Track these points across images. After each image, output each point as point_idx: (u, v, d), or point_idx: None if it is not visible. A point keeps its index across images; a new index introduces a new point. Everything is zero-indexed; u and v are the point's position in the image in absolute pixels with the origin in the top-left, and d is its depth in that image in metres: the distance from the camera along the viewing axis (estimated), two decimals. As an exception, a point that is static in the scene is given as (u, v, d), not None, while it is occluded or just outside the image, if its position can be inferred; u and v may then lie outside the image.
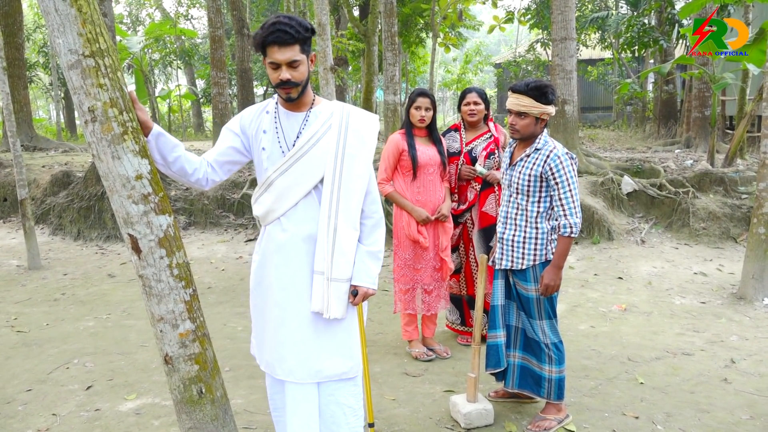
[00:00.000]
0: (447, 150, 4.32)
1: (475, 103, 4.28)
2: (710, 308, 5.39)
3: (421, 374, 4.03)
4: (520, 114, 3.13)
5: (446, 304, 4.39)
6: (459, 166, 4.31)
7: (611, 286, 6.14)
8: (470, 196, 4.33)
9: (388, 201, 4.55)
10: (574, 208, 3.09)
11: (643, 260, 7.00)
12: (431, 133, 4.25)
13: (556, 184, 3.10)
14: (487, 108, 4.35)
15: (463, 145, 4.34)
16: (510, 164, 3.32)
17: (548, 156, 3.11)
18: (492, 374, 3.46)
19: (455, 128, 4.47)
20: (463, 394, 3.43)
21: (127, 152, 2.15)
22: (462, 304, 4.54)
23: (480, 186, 4.30)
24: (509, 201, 3.30)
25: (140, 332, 4.93)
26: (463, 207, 4.35)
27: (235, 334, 4.88)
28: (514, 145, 3.34)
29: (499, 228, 3.36)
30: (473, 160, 4.27)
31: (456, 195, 4.38)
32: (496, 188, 4.27)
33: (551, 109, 3.12)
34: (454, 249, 4.44)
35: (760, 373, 3.97)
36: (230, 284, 6.36)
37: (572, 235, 3.11)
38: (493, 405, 3.38)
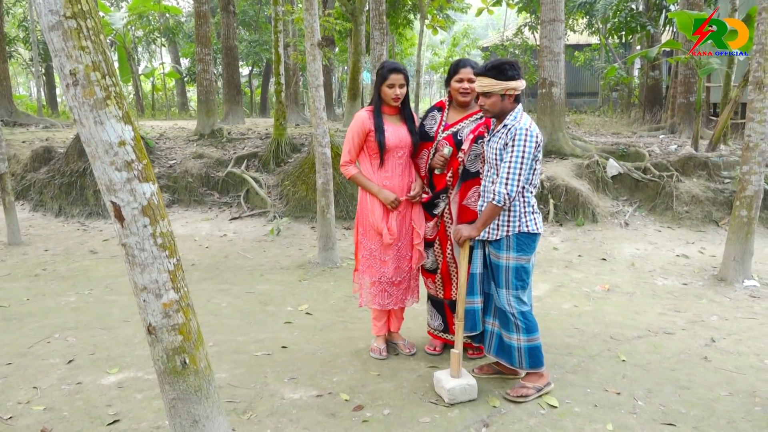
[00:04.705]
0: (420, 135, 3.80)
1: (470, 80, 3.60)
2: (692, 289, 5.45)
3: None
4: (485, 94, 3.27)
5: (417, 298, 3.97)
6: (432, 154, 3.73)
7: (595, 267, 6.19)
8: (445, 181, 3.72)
9: (352, 184, 4.27)
10: (509, 178, 3.14)
11: (627, 242, 7.06)
12: (402, 109, 3.79)
13: (508, 152, 3.17)
14: None
15: (440, 130, 3.71)
16: (488, 140, 3.40)
17: (510, 129, 3.21)
18: (469, 337, 3.53)
19: (439, 106, 3.84)
20: (447, 369, 3.44)
21: (109, 117, 2.11)
22: (443, 308, 3.92)
23: (452, 174, 3.66)
24: (487, 175, 3.39)
25: (123, 307, 4.88)
26: (434, 192, 3.77)
27: (219, 310, 4.85)
28: (495, 122, 3.41)
29: (480, 201, 3.40)
30: (458, 144, 3.62)
31: (425, 182, 3.83)
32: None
33: (513, 84, 3.20)
34: (430, 245, 3.84)
35: (739, 352, 4.03)
36: (214, 261, 6.32)
37: (496, 203, 3.17)
38: (476, 380, 3.40)
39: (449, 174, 3.65)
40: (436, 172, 3.72)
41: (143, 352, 3.94)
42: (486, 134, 3.62)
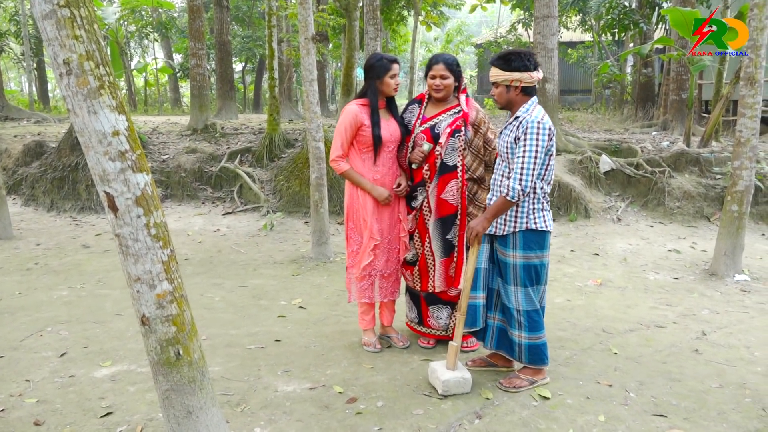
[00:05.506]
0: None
1: (442, 77, 3.61)
2: (683, 284, 5.49)
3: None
4: (494, 84, 3.30)
5: (398, 291, 4.01)
6: (410, 148, 3.75)
7: (587, 261, 6.22)
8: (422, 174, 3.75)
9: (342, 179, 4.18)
10: (523, 173, 3.09)
11: (619, 237, 7.10)
12: (390, 102, 3.83)
13: (521, 147, 3.12)
14: (458, 79, 3.68)
15: (417, 123, 3.75)
16: (500, 132, 3.40)
17: (522, 122, 3.17)
18: (470, 333, 3.53)
19: (419, 99, 3.85)
20: (442, 361, 3.45)
21: (103, 107, 2.10)
22: (420, 300, 3.96)
23: (428, 167, 3.69)
24: (498, 168, 3.37)
25: (116, 301, 4.87)
26: (412, 185, 3.80)
27: (213, 304, 4.85)
28: (509, 115, 3.42)
29: (489, 195, 3.40)
30: (435, 138, 3.65)
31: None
32: (459, 174, 3.66)
33: (517, 75, 3.17)
34: (410, 237, 3.89)
35: (729, 345, 4.06)
36: (207, 256, 6.30)
37: (509, 198, 3.12)
38: (471, 373, 3.41)
39: (426, 167, 3.69)
40: (413, 166, 3.75)
41: (136, 346, 3.94)
42: (463, 129, 3.65)
